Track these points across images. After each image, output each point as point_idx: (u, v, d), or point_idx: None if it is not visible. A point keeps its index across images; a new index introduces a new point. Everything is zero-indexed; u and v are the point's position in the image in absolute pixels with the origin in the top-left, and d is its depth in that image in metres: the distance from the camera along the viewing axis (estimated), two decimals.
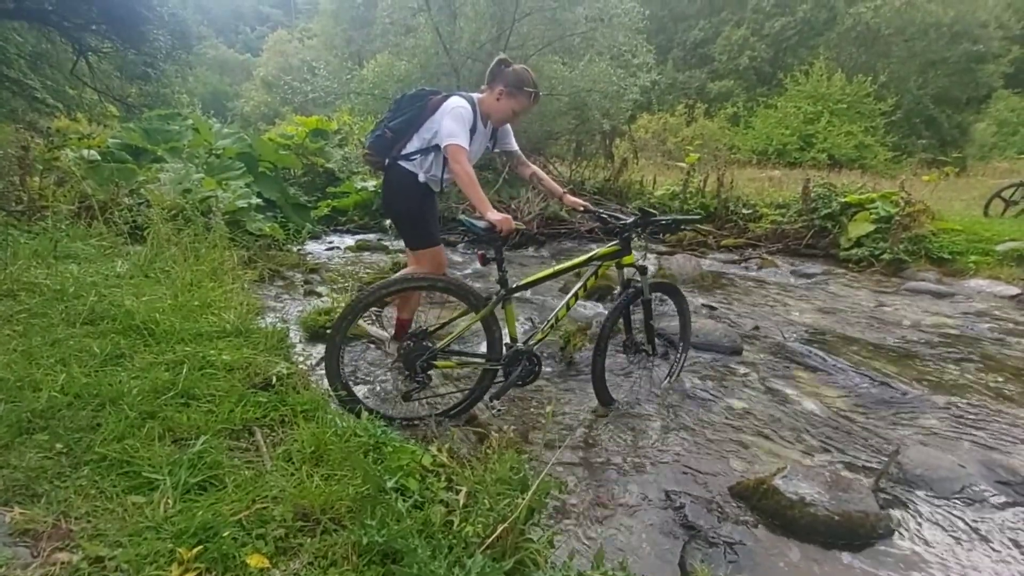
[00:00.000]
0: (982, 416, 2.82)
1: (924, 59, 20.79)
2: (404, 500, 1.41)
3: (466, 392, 2.53)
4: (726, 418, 2.72)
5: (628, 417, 2.68)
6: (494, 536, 1.18)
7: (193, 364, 2.22)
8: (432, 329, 2.52)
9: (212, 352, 2.38)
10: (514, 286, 2.46)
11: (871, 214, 6.68)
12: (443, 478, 1.67)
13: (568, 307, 2.58)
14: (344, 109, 10.16)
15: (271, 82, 27.95)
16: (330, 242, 7.21)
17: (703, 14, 25.16)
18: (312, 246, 6.76)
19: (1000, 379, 3.30)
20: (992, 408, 2.91)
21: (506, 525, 1.18)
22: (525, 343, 2.51)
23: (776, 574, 1.68)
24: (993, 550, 1.84)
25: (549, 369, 3.24)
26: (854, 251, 6.56)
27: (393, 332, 3.00)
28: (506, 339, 2.52)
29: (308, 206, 7.55)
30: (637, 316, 2.81)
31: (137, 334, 2.48)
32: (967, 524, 1.96)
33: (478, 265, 3.00)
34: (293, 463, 1.71)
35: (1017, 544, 1.87)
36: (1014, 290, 5.31)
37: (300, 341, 3.26)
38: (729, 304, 4.81)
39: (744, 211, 8.10)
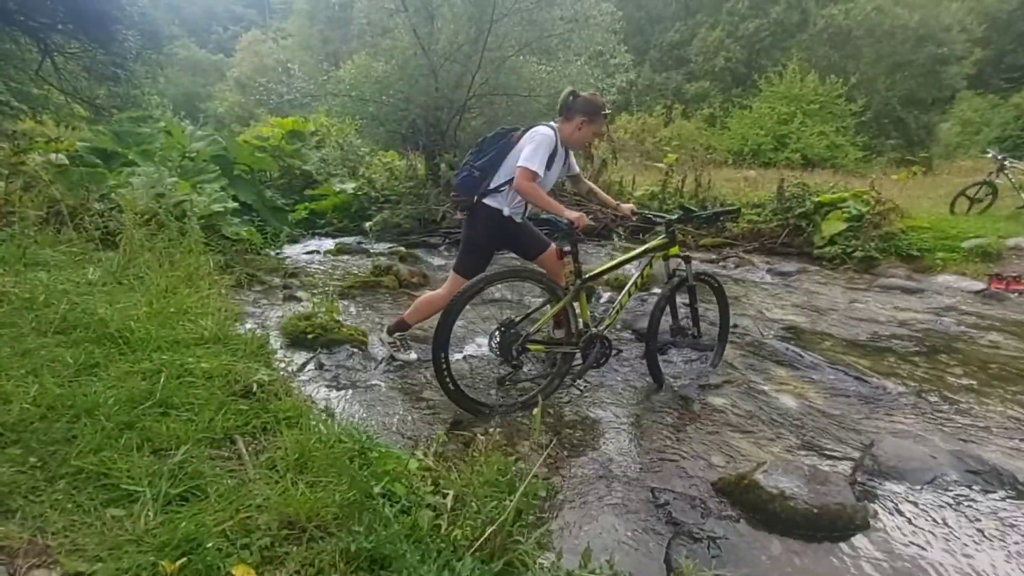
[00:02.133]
0: (951, 408, 2.92)
1: (892, 61, 21.41)
2: (391, 505, 1.40)
3: (549, 376, 2.79)
4: (708, 415, 2.77)
5: (613, 417, 2.71)
6: (483, 539, 1.19)
7: (171, 372, 2.18)
8: (518, 320, 2.72)
9: (190, 360, 2.34)
10: (587, 276, 2.74)
11: (843, 213, 6.86)
12: (430, 482, 1.67)
13: (629, 295, 2.92)
14: (321, 110, 10.05)
15: (245, 83, 27.45)
16: (309, 246, 7.12)
17: (679, 16, 25.53)
18: (291, 250, 6.68)
19: (967, 372, 3.42)
20: (960, 400, 3.01)
21: (494, 528, 1.19)
22: (597, 328, 2.79)
23: (758, 567, 1.71)
24: (963, 538, 1.90)
25: (535, 372, 3.26)
26: (828, 249, 6.73)
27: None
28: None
29: (286, 209, 7.45)
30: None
31: (112, 343, 2.42)
32: (939, 513, 2.03)
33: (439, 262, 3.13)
34: (277, 471, 1.69)
35: (985, 531, 1.94)
36: (979, 285, 5.51)
37: (280, 347, 3.22)
38: (709, 303, 4.88)
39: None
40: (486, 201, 2.85)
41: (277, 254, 5.88)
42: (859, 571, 1.73)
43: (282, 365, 2.71)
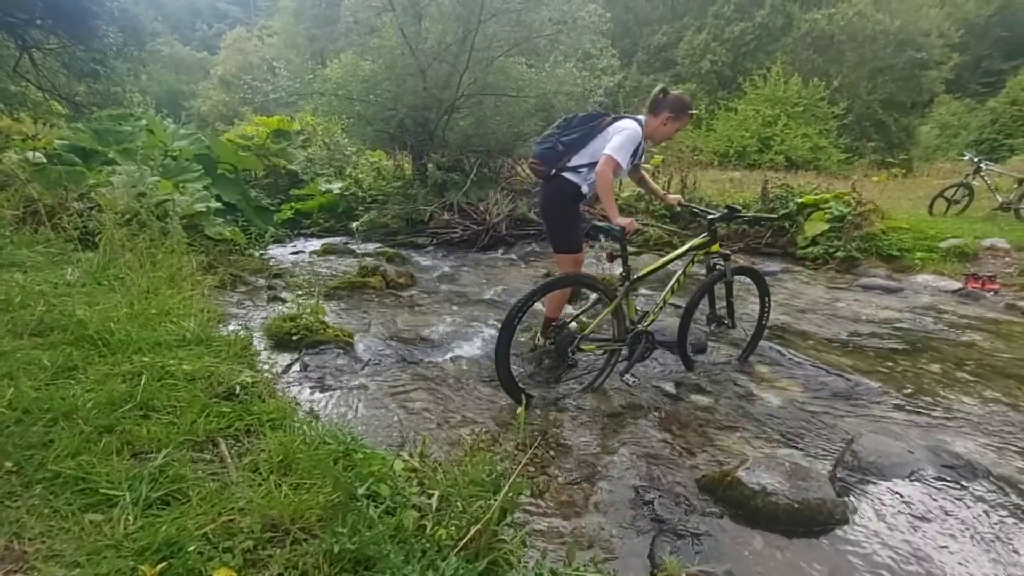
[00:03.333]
0: (928, 404, 2.98)
1: (873, 65, 21.78)
2: (376, 506, 1.40)
3: (599, 370, 2.97)
4: (693, 414, 2.80)
5: (598, 416, 2.73)
6: (467, 538, 1.19)
7: (152, 375, 2.15)
8: (572, 320, 2.92)
9: (171, 362, 2.31)
10: (635, 277, 2.88)
11: (825, 214, 6.96)
12: (416, 483, 1.66)
13: (672, 291, 3.05)
14: (307, 109, 9.96)
15: (230, 81, 27.11)
16: (294, 246, 7.06)
17: (666, 19, 25.70)
18: (276, 250, 6.61)
19: (944, 369, 3.50)
20: (937, 396, 3.08)
21: (479, 527, 1.19)
22: (642, 324, 2.95)
23: (741, 562, 1.74)
24: (939, 530, 1.95)
25: (520, 370, 3.27)
26: (810, 249, 6.83)
27: (542, 329, 3.23)
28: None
29: (271, 209, 7.38)
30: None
31: (91, 345, 2.38)
32: (916, 506, 2.07)
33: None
34: (260, 473, 1.68)
35: (961, 523, 1.99)
36: (956, 284, 5.63)
37: (265, 349, 3.19)
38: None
39: (697, 206, 8.33)
40: (566, 175, 2.92)
41: (262, 255, 5.82)
42: (839, 564, 1.77)
43: (266, 367, 2.68)
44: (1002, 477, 2.27)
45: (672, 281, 3.06)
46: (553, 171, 2.94)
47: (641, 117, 2.91)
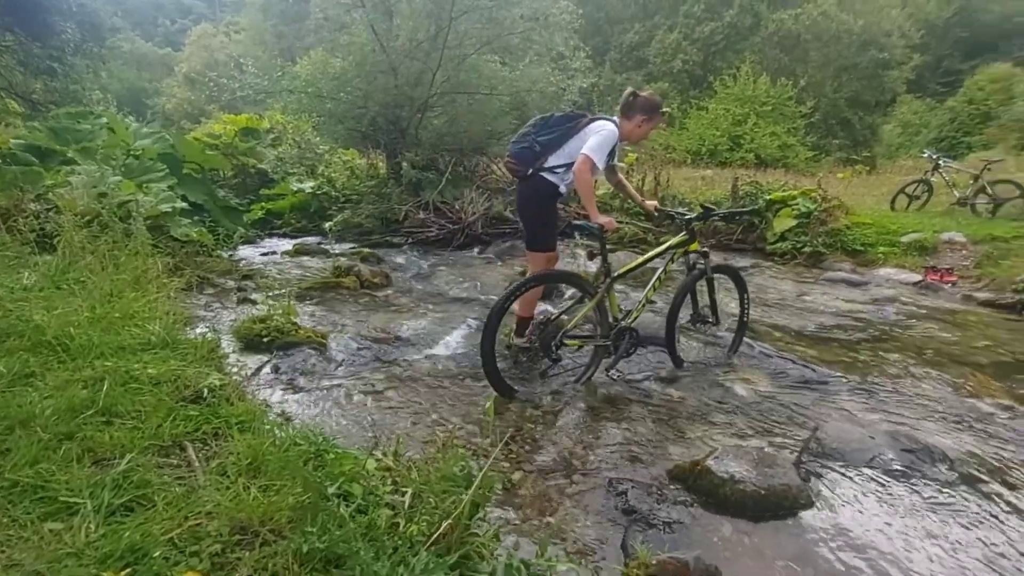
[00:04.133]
0: (888, 392, 3.10)
1: (838, 65, 22.41)
2: (347, 506, 1.39)
3: (587, 365, 3.02)
4: (665, 406, 2.85)
5: (572, 410, 2.76)
6: (438, 533, 1.19)
7: (115, 380, 2.09)
8: (555, 317, 2.95)
9: (136, 366, 2.25)
10: (616, 274, 2.93)
11: (793, 210, 7.15)
12: (389, 481, 1.66)
13: (654, 289, 3.10)
14: (276, 107, 9.78)
15: (195, 79, 26.40)
16: (265, 247, 6.93)
17: (637, 17, 25.97)
18: (246, 251, 6.48)
19: (904, 357, 3.64)
20: (897, 384, 3.20)
21: (450, 521, 1.20)
22: (625, 321, 3.00)
23: (710, 548, 1.78)
24: (898, 512, 2.03)
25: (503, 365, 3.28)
26: (779, 245, 7.00)
27: (515, 329, 3.29)
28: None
29: (240, 209, 7.22)
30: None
31: (49, 350, 2.30)
32: (877, 490, 2.16)
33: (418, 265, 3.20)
34: (228, 476, 1.65)
35: (917, 504, 2.08)
36: (916, 277, 5.85)
37: (234, 351, 3.13)
38: (667, 298, 5.01)
39: (682, 209, 8.46)
40: (544, 175, 2.98)
41: (231, 256, 5.70)
42: (803, 546, 1.83)
43: (235, 369, 2.63)
44: (957, 459, 2.37)
45: (654, 278, 3.12)
46: (530, 171, 2.99)
47: (616, 119, 2.98)
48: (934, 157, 8.91)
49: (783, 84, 18.62)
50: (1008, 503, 2.10)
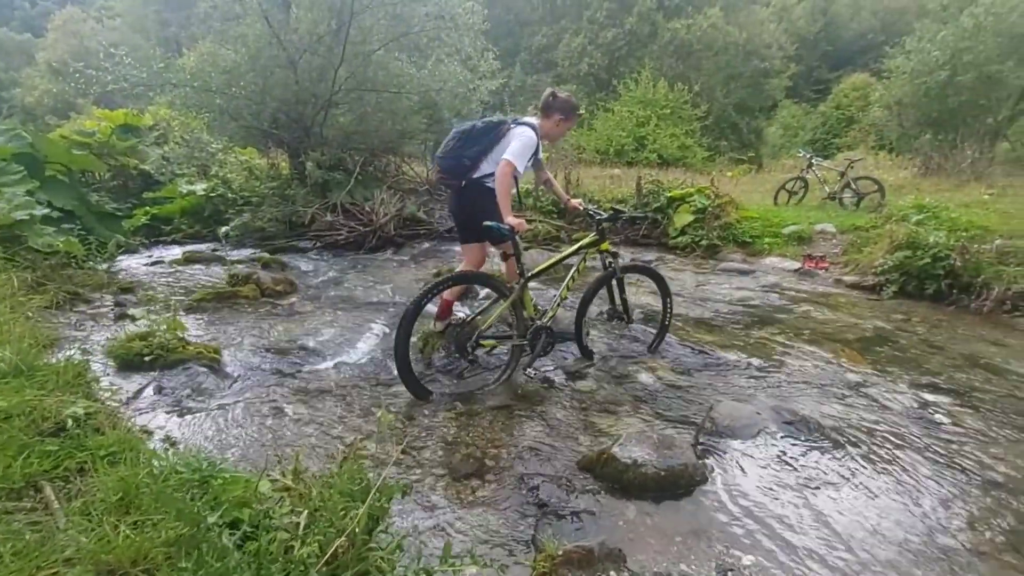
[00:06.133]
0: (773, 369, 3.40)
1: (727, 73, 24.38)
2: (233, 534, 1.28)
3: (506, 364, 3.04)
4: (575, 400, 2.93)
5: (485, 409, 2.75)
6: (332, 552, 1.13)
7: None
8: (471, 319, 2.99)
9: None
10: (529, 275, 3.00)
11: (691, 206, 7.66)
12: (287, 502, 1.56)
13: (568, 288, 3.22)
14: (161, 102, 8.91)
15: (61, 69, 23.46)
16: (151, 256, 6.30)
17: (545, 21, 26.61)
18: (127, 261, 5.86)
19: (786, 338, 4.01)
20: (780, 362, 3.52)
21: (344, 538, 1.14)
22: (541, 320, 3.07)
23: (615, 532, 1.85)
24: (781, 477, 2.23)
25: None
26: (680, 239, 7.48)
27: (438, 311, 3.49)
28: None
29: (118, 215, 6.49)
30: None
31: None
32: (762, 460, 2.35)
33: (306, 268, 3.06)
34: (94, 516, 1.46)
35: (796, 469, 2.29)
36: (795, 265, 6.48)
37: (107, 373, 2.80)
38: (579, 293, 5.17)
39: (592, 206, 8.78)
40: (484, 181, 3.13)
41: (108, 267, 5.11)
42: (699, 519, 1.95)
43: (108, 394, 2.35)
44: (829, 427, 2.65)
45: (567, 278, 3.22)
46: (463, 182, 3.18)
47: (534, 120, 3.13)
48: (808, 156, 9.93)
49: (679, 89, 19.88)
50: (872, 461, 2.37)
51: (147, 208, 7.46)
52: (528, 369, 3.16)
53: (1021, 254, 4.85)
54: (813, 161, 9.75)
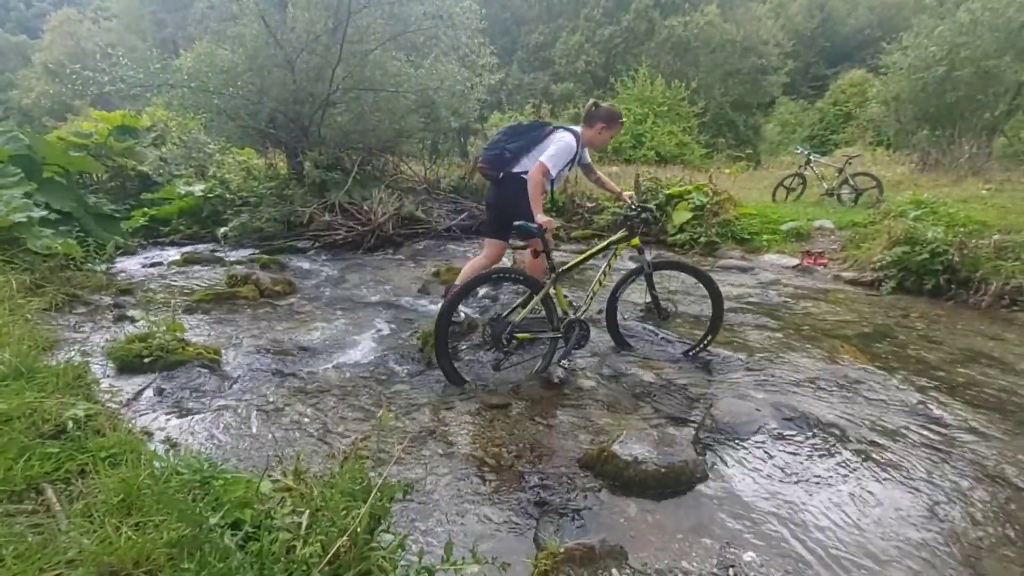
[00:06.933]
0: (773, 366, 3.40)
1: (724, 70, 24.39)
2: (235, 534, 1.29)
3: (543, 356, 3.12)
4: (575, 398, 2.93)
5: (486, 409, 2.76)
6: (334, 551, 1.13)
7: None
8: (506, 313, 3.09)
9: None
10: (560, 269, 3.10)
11: (689, 204, 7.66)
12: (288, 503, 1.56)
13: (600, 283, 3.27)
14: (158, 103, 8.90)
15: (57, 70, 23.39)
16: (149, 257, 6.29)
17: (542, 19, 26.60)
18: (127, 263, 5.86)
19: (785, 334, 4.02)
20: (779, 359, 3.53)
21: (346, 538, 1.14)
22: (575, 314, 3.15)
23: (616, 530, 1.86)
24: (781, 474, 2.24)
25: (409, 368, 3.21)
26: (678, 236, 7.48)
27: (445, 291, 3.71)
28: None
29: (116, 216, 6.49)
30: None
31: None
32: (763, 456, 2.36)
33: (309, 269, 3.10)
34: (96, 517, 1.47)
35: (795, 465, 2.30)
36: (794, 261, 6.49)
37: (107, 375, 2.80)
38: (578, 291, 5.18)
39: (589, 204, 8.79)
40: (522, 175, 3.23)
41: (107, 269, 5.11)
42: (700, 516, 1.96)
43: (108, 396, 2.35)
44: (828, 423, 2.65)
45: (599, 273, 3.29)
46: (502, 174, 3.33)
47: (578, 129, 3.28)
48: (806, 153, 9.93)
49: (677, 86, 19.87)
50: (871, 456, 2.38)
51: (145, 209, 7.45)
52: (563, 361, 3.22)
53: (1019, 249, 4.85)
54: (811, 157, 9.76)
